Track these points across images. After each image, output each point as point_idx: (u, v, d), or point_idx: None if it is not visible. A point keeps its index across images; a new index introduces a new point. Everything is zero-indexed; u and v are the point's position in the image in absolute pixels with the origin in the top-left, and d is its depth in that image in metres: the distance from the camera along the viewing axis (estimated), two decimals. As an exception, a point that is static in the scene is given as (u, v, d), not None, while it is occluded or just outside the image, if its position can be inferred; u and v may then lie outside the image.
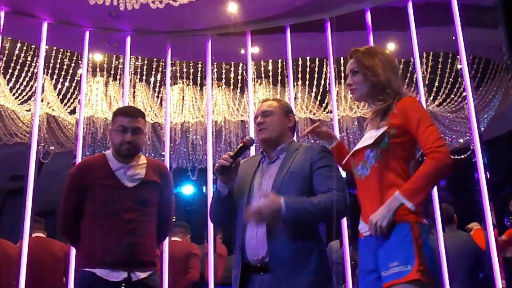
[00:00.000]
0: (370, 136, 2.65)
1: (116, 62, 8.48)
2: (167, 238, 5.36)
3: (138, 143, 3.51)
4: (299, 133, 9.38)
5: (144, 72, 8.76)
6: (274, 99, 3.28)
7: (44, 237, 5.67)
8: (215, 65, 8.11)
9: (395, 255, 2.46)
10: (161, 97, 9.33)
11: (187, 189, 12.88)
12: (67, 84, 8.65)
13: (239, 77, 8.88)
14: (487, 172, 5.41)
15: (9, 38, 7.47)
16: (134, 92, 9.34)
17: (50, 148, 9.59)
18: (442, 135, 2.63)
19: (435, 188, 5.42)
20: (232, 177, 3.01)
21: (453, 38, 5.89)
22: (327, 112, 9.45)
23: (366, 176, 2.66)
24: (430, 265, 2.44)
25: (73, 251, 5.29)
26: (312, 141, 9.49)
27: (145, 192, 3.47)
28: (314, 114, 9.59)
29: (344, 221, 5.53)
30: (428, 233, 2.52)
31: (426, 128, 2.53)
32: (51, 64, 8.00)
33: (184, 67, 8.74)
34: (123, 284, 3.28)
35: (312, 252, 2.83)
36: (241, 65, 8.65)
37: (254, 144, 3.21)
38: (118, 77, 8.95)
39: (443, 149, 2.48)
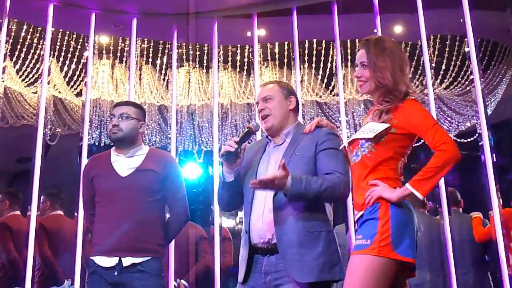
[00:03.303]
0: (370, 128, 2.70)
1: (122, 45, 8.48)
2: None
3: (126, 127, 3.61)
4: (304, 117, 9.39)
5: (150, 55, 8.76)
6: (273, 82, 3.29)
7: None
8: (221, 48, 8.08)
9: (362, 230, 2.60)
10: (167, 79, 9.32)
11: (193, 172, 12.90)
12: (73, 66, 8.66)
13: (246, 60, 8.86)
14: (493, 155, 5.40)
15: (16, 20, 7.47)
16: (140, 74, 9.35)
17: (57, 130, 9.61)
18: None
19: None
20: (238, 163, 3.03)
21: (461, 20, 5.85)
22: (333, 95, 9.43)
23: (355, 163, 2.75)
24: (396, 243, 2.51)
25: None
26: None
27: (140, 180, 3.55)
28: (320, 97, 9.57)
29: (350, 205, 5.52)
30: (403, 212, 2.59)
31: (432, 128, 2.62)
32: (57, 47, 8.01)
33: (190, 49, 8.72)
34: (116, 270, 3.40)
35: (320, 233, 2.85)
36: (247, 47, 8.63)
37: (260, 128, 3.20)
38: (124, 59, 8.95)
39: (450, 141, 2.59)
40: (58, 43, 7.96)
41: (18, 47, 8.03)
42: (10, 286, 5.13)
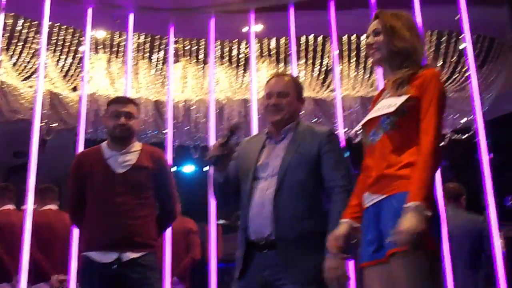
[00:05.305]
0: (388, 104, 2.52)
1: (119, 39, 8.46)
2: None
3: (132, 126, 3.68)
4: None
5: (147, 49, 8.73)
6: (287, 75, 3.28)
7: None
8: (218, 43, 8.07)
9: (398, 221, 2.29)
10: (164, 74, 9.30)
11: (189, 167, 12.92)
12: (69, 60, 8.63)
13: (242, 55, 8.84)
14: (489, 152, 5.41)
15: (12, 14, 7.44)
16: (136, 69, 9.31)
17: (53, 125, 9.58)
18: (441, 127, 2.45)
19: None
20: (226, 164, 2.99)
21: (457, 17, 5.86)
22: (329, 91, 9.41)
23: (376, 142, 2.54)
24: (434, 232, 2.33)
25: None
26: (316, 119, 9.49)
27: (136, 177, 3.61)
28: (317, 92, 9.56)
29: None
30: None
31: (427, 111, 2.42)
32: (53, 41, 7.98)
33: (187, 44, 8.71)
34: (115, 265, 3.44)
35: (320, 233, 2.78)
36: (244, 43, 8.62)
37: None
38: (120, 54, 8.92)
39: (431, 140, 2.36)
40: (54, 38, 7.93)
41: (14, 41, 8.00)
42: None
